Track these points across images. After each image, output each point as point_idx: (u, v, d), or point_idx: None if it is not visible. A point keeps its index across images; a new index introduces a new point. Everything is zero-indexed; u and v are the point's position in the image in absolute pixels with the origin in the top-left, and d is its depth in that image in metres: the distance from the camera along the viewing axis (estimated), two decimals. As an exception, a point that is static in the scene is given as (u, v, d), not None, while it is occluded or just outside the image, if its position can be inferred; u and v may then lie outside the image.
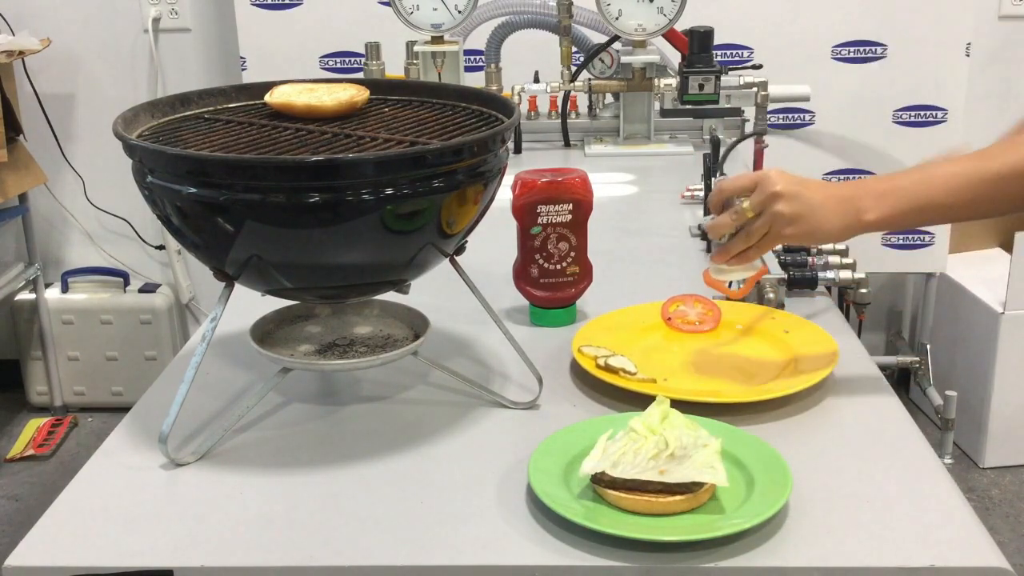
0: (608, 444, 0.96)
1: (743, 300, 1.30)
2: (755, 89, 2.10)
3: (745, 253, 1.12)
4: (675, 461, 0.92)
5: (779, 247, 1.48)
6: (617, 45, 2.20)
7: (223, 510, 0.96)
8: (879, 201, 1.07)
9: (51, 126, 3.02)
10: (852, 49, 2.73)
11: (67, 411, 3.17)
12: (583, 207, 1.32)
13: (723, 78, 2.06)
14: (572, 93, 2.22)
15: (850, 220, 1.08)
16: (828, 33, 2.73)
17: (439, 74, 2.08)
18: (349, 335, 1.16)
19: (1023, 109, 2.93)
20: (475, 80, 2.35)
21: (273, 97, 1.18)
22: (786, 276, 1.37)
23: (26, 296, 3.09)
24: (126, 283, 3.11)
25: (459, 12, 2.06)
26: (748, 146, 2.23)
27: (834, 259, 1.45)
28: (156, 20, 2.96)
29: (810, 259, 1.45)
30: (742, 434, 1.02)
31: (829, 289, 1.44)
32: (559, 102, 2.26)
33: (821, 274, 1.41)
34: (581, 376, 1.19)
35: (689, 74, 2.05)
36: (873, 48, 2.73)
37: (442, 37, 2.08)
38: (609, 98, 2.31)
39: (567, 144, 2.26)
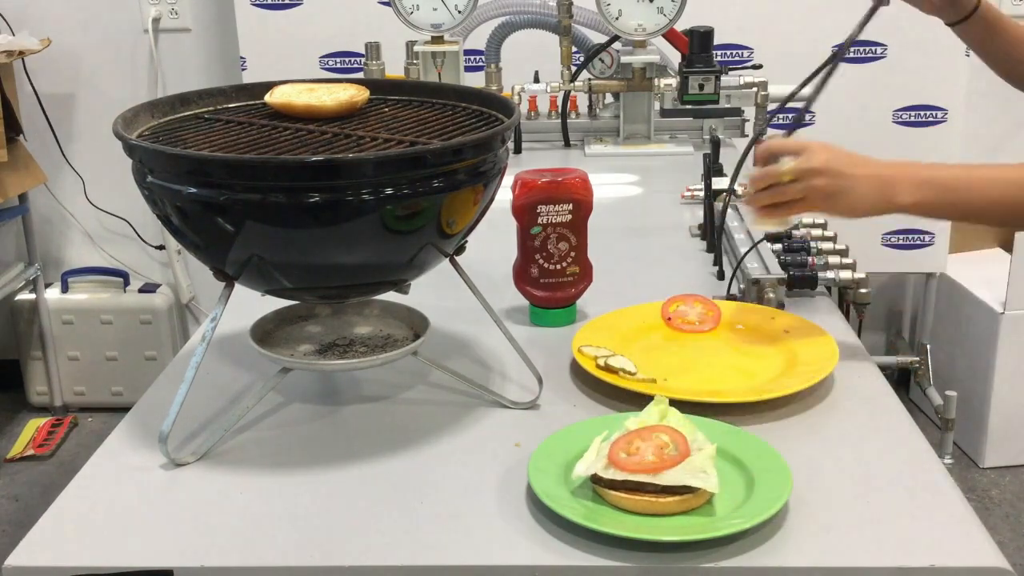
0: (602, 446, 0.96)
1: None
2: (755, 89, 2.10)
3: (773, 209, 1.16)
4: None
5: (779, 247, 1.49)
6: (617, 45, 2.20)
7: (223, 510, 0.96)
8: (917, 188, 1.11)
9: (51, 126, 3.02)
10: (852, 49, 2.72)
11: (67, 411, 3.17)
12: (583, 207, 1.32)
13: (723, 78, 2.06)
14: (572, 93, 2.22)
15: (884, 200, 1.12)
16: (828, 33, 2.73)
17: (439, 74, 2.08)
18: (349, 335, 1.16)
19: (1023, 109, 2.93)
20: (475, 80, 2.35)
21: (273, 97, 1.18)
22: (786, 276, 1.36)
23: (26, 296, 3.09)
24: (126, 283, 3.11)
25: (459, 12, 2.06)
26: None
27: (834, 259, 1.45)
28: (156, 20, 2.96)
29: (810, 259, 1.45)
30: (742, 434, 1.02)
31: (829, 289, 1.44)
32: (559, 102, 2.26)
33: (821, 274, 1.41)
34: (581, 376, 1.19)
35: (689, 74, 2.05)
36: (873, 48, 2.73)
37: (442, 37, 2.08)
38: (609, 98, 2.31)
39: (567, 144, 2.26)
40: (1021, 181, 1.12)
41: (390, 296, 1.14)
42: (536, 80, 2.26)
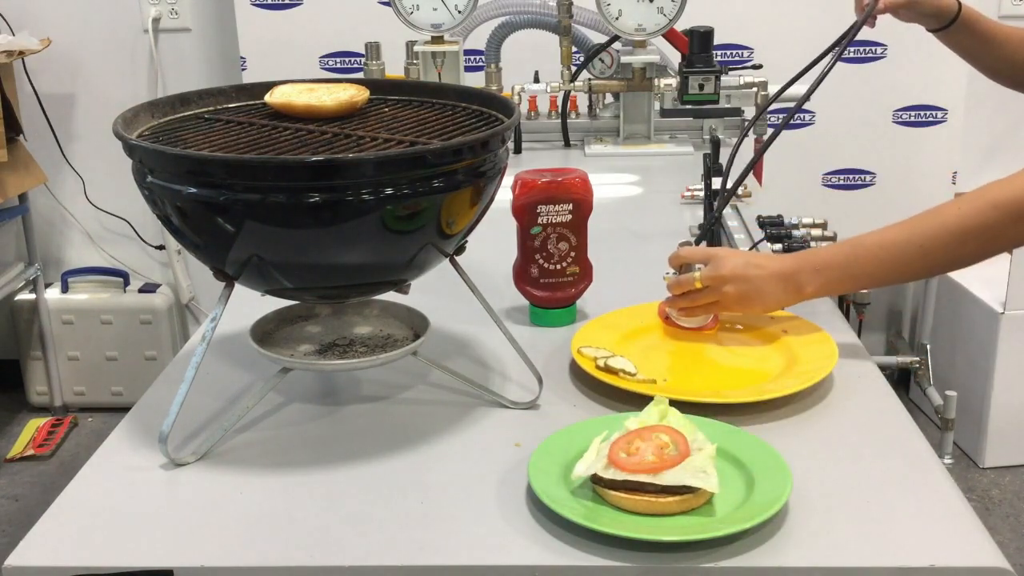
0: (602, 446, 0.96)
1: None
2: (755, 89, 2.10)
3: (692, 311, 1.27)
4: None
5: (779, 247, 1.48)
6: (617, 45, 2.20)
7: (223, 510, 0.96)
8: (815, 276, 1.20)
9: (51, 126, 3.02)
10: (852, 49, 2.73)
11: (67, 411, 3.17)
12: (583, 207, 1.32)
13: (723, 78, 2.06)
14: (572, 93, 2.22)
15: (792, 293, 1.21)
16: (828, 33, 2.73)
17: (439, 74, 2.08)
18: (349, 335, 1.16)
19: (1022, 109, 2.93)
20: (475, 80, 2.36)
21: (273, 97, 1.18)
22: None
23: (26, 296, 3.09)
24: (126, 283, 3.11)
25: (459, 12, 2.06)
26: (748, 145, 2.23)
27: (834, 259, 1.44)
28: (156, 20, 2.96)
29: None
30: (742, 434, 1.02)
31: (829, 289, 1.43)
32: (559, 102, 2.26)
33: (821, 274, 1.41)
34: (581, 376, 1.19)
35: (689, 74, 2.05)
36: (873, 48, 2.73)
37: (442, 37, 2.08)
38: (609, 98, 2.31)
39: (567, 144, 2.26)
40: (902, 239, 1.17)
41: (390, 296, 1.14)
42: (536, 80, 2.26)
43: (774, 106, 1.83)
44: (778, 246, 1.49)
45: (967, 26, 1.56)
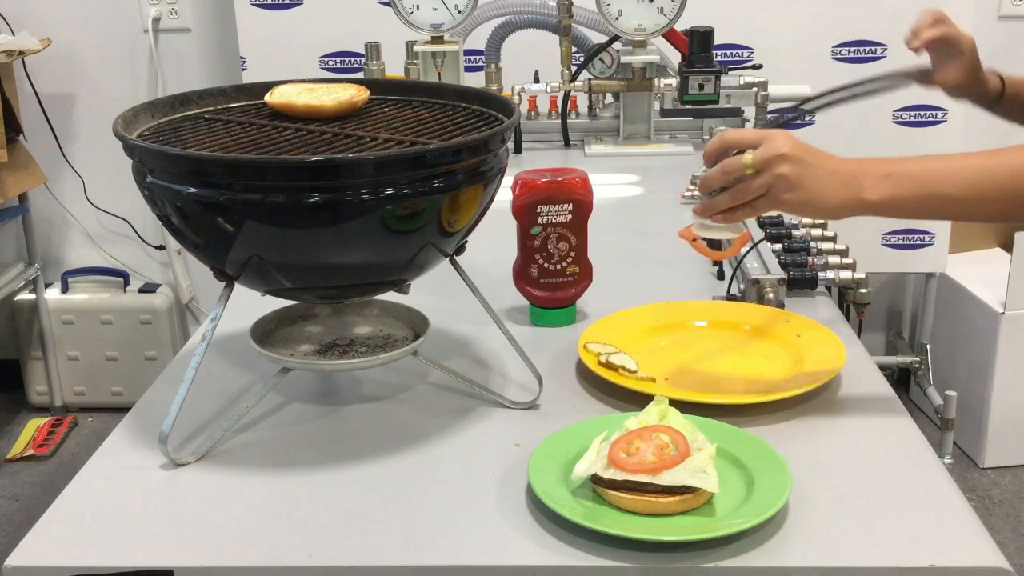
0: (602, 446, 0.96)
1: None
2: (755, 89, 2.10)
3: (733, 211, 1.05)
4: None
5: (779, 247, 1.48)
6: (617, 45, 2.20)
7: (223, 510, 0.96)
8: (883, 182, 1.02)
9: (51, 126, 3.02)
10: (852, 49, 2.73)
11: (67, 411, 3.17)
12: (583, 207, 1.32)
13: (723, 78, 2.06)
14: (572, 93, 2.22)
15: (851, 197, 1.02)
16: (828, 33, 2.73)
17: (439, 74, 2.08)
18: (349, 335, 1.16)
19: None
20: (475, 80, 2.35)
21: (273, 97, 1.18)
22: (786, 276, 1.36)
23: (26, 296, 3.09)
24: (126, 283, 3.11)
25: (459, 12, 2.06)
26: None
27: (834, 259, 1.45)
28: (156, 20, 2.96)
29: (810, 259, 1.45)
30: (742, 434, 1.02)
31: (829, 289, 1.44)
32: (559, 102, 2.26)
33: (821, 274, 1.41)
34: (581, 376, 1.19)
35: (689, 74, 2.05)
36: (873, 48, 2.73)
37: (442, 37, 2.08)
38: (609, 98, 2.30)
39: (567, 144, 2.26)
40: (990, 163, 1.02)
41: (390, 296, 1.14)
42: (536, 80, 2.26)
43: (774, 106, 1.83)
44: (778, 246, 1.49)
45: (1018, 97, 1.46)
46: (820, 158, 1.03)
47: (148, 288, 3.10)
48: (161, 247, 3.17)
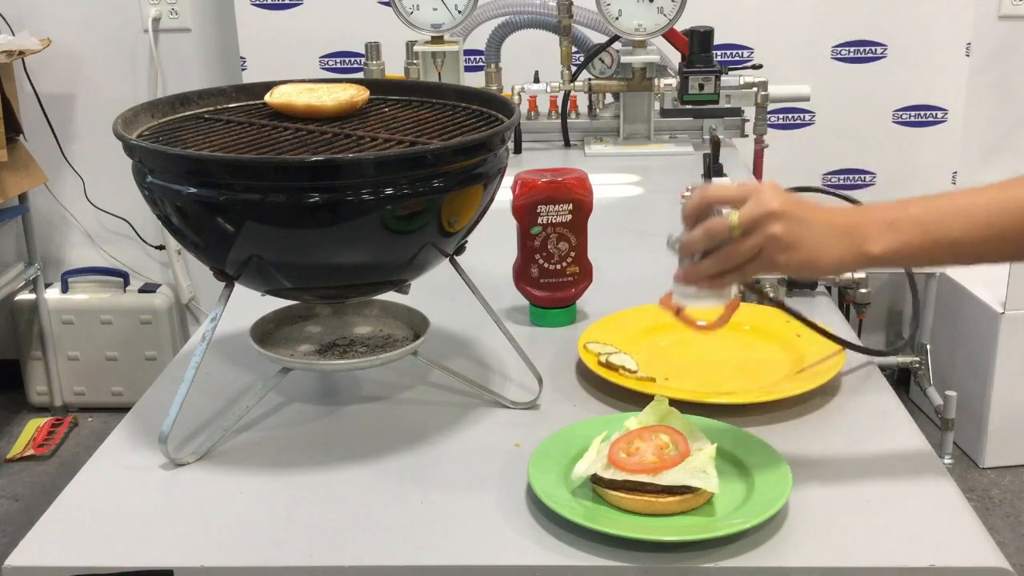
0: (602, 446, 0.96)
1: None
2: (755, 89, 2.10)
3: (720, 278, 0.95)
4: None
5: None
6: (617, 45, 2.20)
7: (223, 510, 0.96)
8: (887, 231, 0.91)
9: (51, 126, 3.02)
10: (852, 49, 2.73)
11: (67, 411, 3.16)
12: (583, 207, 1.32)
13: (723, 78, 2.06)
14: (572, 93, 2.22)
15: (852, 251, 0.91)
16: (828, 33, 2.73)
17: (439, 74, 2.08)
18: (349, 335, 1.16)
19: (1023, 109, 2.93)
20: (475, 80, 2.36)
21: (273, 97, 1.18)
22: (786, 276, 1.36)
23: (26, 296, 3.09)
24: (126, 283, 3.11)
25: (459, 12, 2.06)
26: (748, 146, 2.24)
27: (834, 259, 1.44)
28: (156, 20, 2.96)
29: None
30: (742, 434, 1.02)
31: (829, 289, 1.44)
32: (559, 102, 2.26)
33: (821, 274, 1.41)
34: (582, 376, 1.19)
35: (689, 74, 2.05)
36: (873, 48, 2.73)
37: (442, 37, 2.08)
38: (609, 98, 2.31)
39: (567, 144, 2.26)
40: (1003, 199, 0.91)
41: (390, 296, 1.14)
42: (536, 80, 2.26)
43: (774, 106, 1.83)
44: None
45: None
46: (813, 211, 0.92)
47: (148, 288, 3.10)
48: (161, 247, 3.17)
